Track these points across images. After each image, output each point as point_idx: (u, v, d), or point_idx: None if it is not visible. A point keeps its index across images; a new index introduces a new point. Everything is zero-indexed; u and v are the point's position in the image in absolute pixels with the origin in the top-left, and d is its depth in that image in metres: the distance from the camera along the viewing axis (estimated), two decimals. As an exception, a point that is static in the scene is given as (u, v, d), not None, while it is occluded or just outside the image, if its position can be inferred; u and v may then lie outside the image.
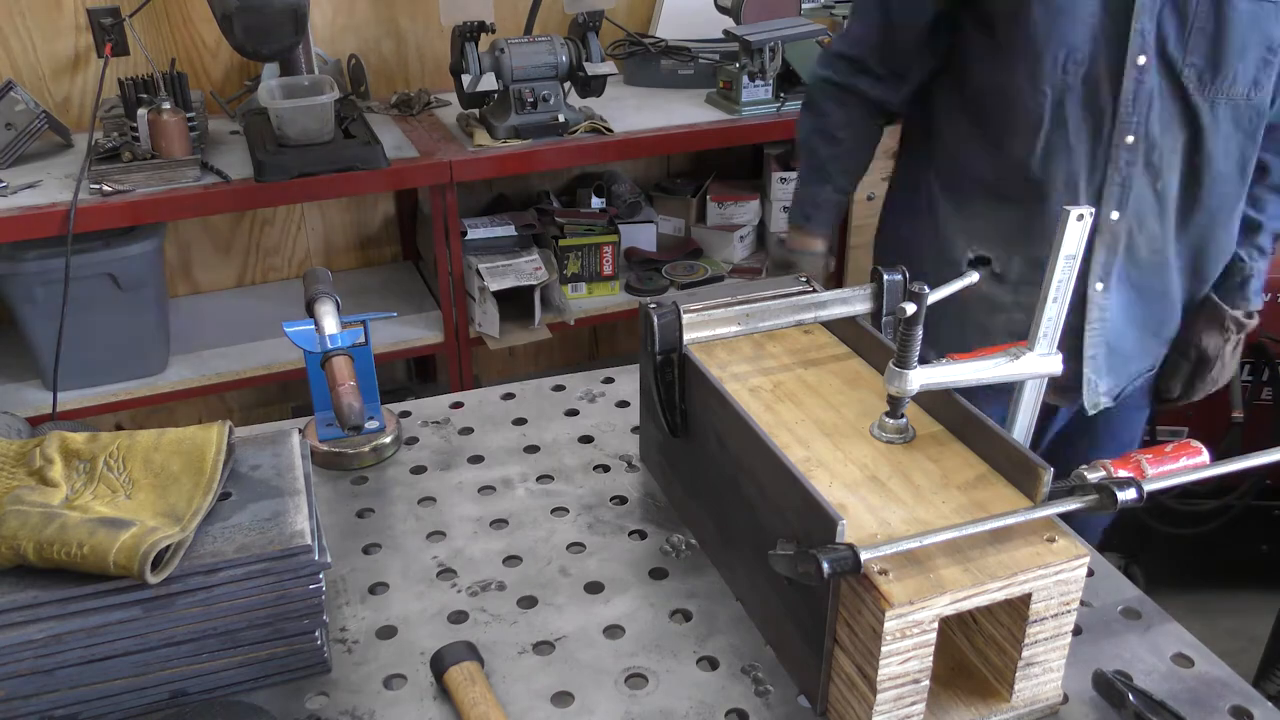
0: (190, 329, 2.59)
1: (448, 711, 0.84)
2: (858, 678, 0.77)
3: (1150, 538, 2.46)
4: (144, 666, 0.82)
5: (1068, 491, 0.82)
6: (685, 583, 0.98)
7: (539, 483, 1.12)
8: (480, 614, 0.94)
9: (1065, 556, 0.76)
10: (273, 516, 0.86)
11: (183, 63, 2.57)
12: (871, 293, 1.04)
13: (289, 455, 0.94)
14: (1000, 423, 0.90)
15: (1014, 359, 0.91)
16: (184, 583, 0.80)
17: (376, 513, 1.08)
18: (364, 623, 0.93)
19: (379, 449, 1.16)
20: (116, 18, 2.42)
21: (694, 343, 1.02)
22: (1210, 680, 0.86)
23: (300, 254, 2.86)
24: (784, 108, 2.57)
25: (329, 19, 2.65)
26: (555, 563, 1.00)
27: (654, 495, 1.10)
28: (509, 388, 1.30)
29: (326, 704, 0.85)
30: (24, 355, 2.34)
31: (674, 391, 1.01)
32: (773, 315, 1.04)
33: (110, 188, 2.14)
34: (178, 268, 2.75)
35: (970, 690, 0.83)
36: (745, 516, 0.91)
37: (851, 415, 0.94)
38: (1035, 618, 0.77)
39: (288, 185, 2.24)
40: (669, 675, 0.87)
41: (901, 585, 0.73)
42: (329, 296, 1.13)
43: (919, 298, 0.83)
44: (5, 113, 2.23)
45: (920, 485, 0.84)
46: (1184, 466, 0.90)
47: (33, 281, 2.20)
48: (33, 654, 0.78)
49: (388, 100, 2.67)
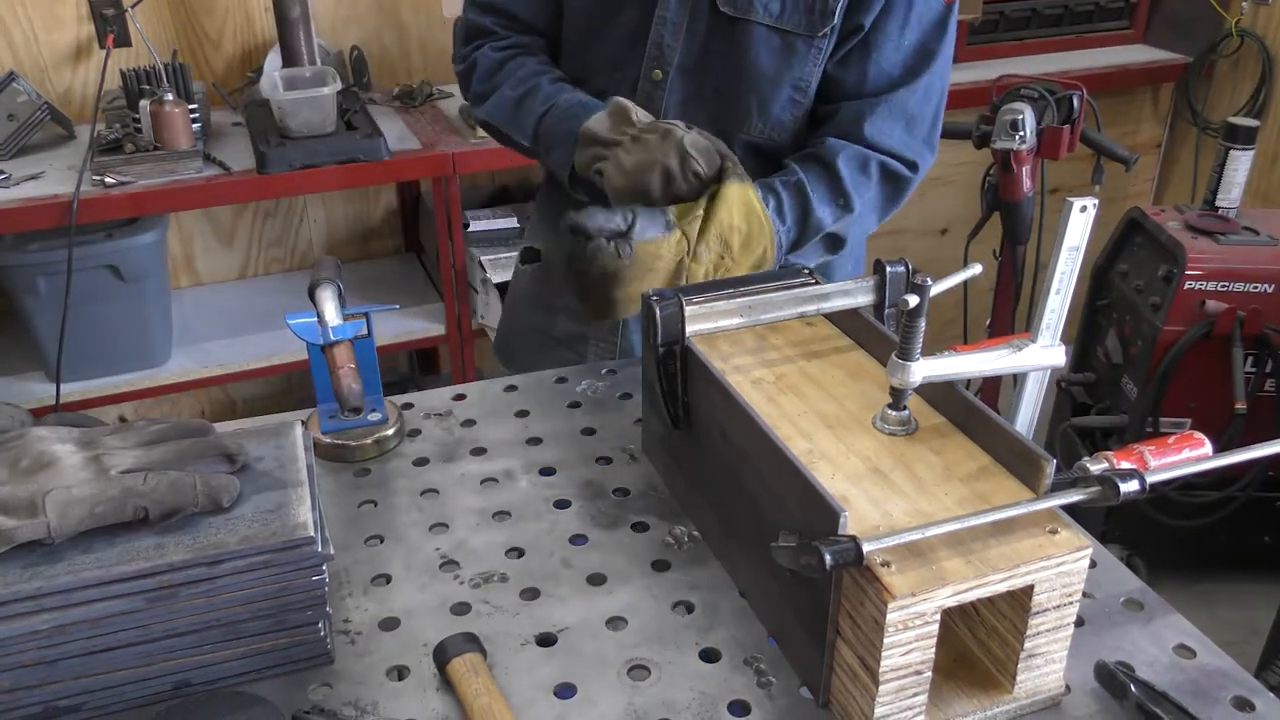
0: (193, 321, 2.60)
1: (450, 703, 0.84)
2: (860, 669, 0.77)
3: (1153, 529, 2.47)
4: (147, 657, 0.82)
5: (1070, 483, 0.82)
6: (687, 574, 0.98)
7: (541, 475, 1.12)
8: (483, 606, 0.94)
9: (1067, 548, 0.76)
10: (276, 508, 0.86)
11: (185, 54, 2.56)
12: (874, 285, 1.04)
13: (292, 447, 0.94)
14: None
15: (1016, 351, 0.91)
16: (187, 574, 0.80)
17: (379, 505, 1.08)
18: (367, 614, 0.94)
19: (381, 441, 1.16)
20: (118, 9, 2.42)
21: (696, 335, 1.02)
22: (1212, 671, 0.86)
23: (302, 246, 2.87)
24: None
25: (331, 10, 2.65)
26: (557, 554, 1.01)
27: (656, 487, 1.10)
28: (511, 380, 1.30)
29: (329, 695, 0.86)
30: (27, 347, 2.34)
31: (676, 384, 1.02)
32: (775, 307, 1.04)
33: (113, 179, 2.14)
34: (180, 259, 2.75)
35: (972, 681, 0.83)
36: (747, 508, 0.91)
37: (854, 407, 0.94)
38: (1037, 609, 0.77)
39: (290, 177, 2.24)
40: (671, 667, 0.88)
41: (904, 577, 0.73)
42: (331, 283, 1.13)
43: (922, 290, 0.83)
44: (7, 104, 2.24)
45: (922, 477, 0.84)
46: (1187, 458, 0.90)
47: (35, 273, 2.21)
48: (37, 645, 0.79)
49: (390, 92, 2.67)
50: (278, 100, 2.23)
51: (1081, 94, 2.21)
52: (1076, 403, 2.71)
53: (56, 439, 0.89)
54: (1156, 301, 2.38)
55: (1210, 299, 2.31)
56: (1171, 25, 3.22)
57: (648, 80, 1.30)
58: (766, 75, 1.28)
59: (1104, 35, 3.24)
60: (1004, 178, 2.28)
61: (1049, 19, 3.17)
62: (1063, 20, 3.19)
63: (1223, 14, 3.06)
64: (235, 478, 0.87)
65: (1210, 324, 2.30)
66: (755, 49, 1.26)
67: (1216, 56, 3.13)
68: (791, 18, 1.25)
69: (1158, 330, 2.35)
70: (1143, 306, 2.43)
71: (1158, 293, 2.39)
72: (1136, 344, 2.46)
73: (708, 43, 1.28)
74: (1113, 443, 2.54)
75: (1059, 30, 3.20)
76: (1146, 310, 2.41)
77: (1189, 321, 2.33)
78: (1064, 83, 2.26)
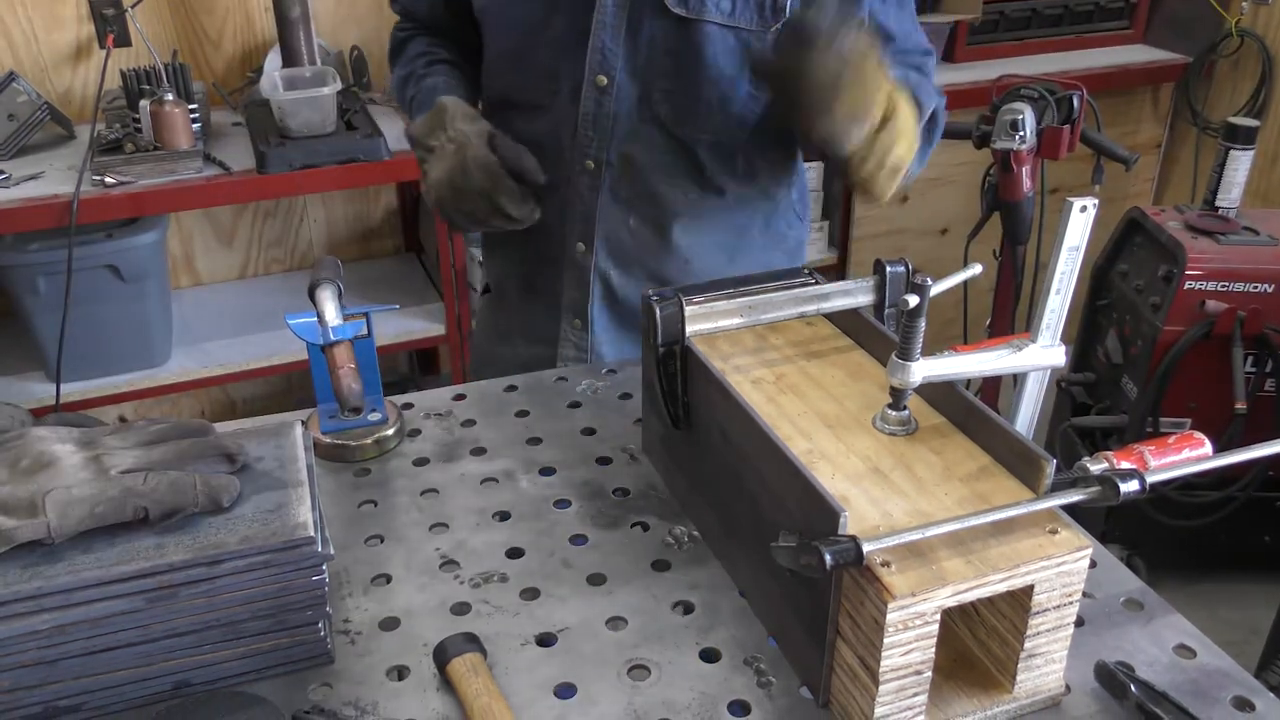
0: (193, 321, 2.60)
1: (451, 703, 0.84)
2: (860, 669, 0.77)
3: (1153, 529, 2.47)
4: (147, 658, 0.82)
5: (1070, 483, 0.82)
6: (688, 574, 0.98)
7: (541, 475, 1.12)
8: (483, 606, 0.94)
9: (1067, 548, 0.76)
10: (276, 508, 0.86)
11: (185, 54, 2.56)
12: (874, 285, 1.04)
13: (292, 447, 0.94)
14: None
15: (1016, 351, 0.91)
16: (187, 574, 0.80)
17: (379, 505, 1.08)
18: (367, 614, 0.94)
19: (381, 441, 1.16)
20: (118, 9, 2.42)
21: (696, 335, 1.02)
22: (1212, 671, 0.86)
23: (303, 246, 2.87)
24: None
25: (331, 10, 2.65)
26: (557, 555, 1.01)
27: (656, 487, 1.10)
28: (511, 380, 1.30)
29: (329, 695, 0.86)
30: (27, 347, 2.35)
31: (676, 383, 1.02)
32: (775, 307, 1.04)
33: (113, 179, 2.14)
34: (180, 259, 2.75)
35: (972, 681, 0.83)
36: (748, 508, 0.91)
37: (854, 407, 0.94)
38: (1037, 609, 0.77)
39: (290, 177, 2.24)
40: (671, 667, 0.88)
41: (904, 577, 0.73)
42: (330, 283, 1.13)
43: (922, 290, 0.83)
44: (7, 104, 2.24)
45: (922, 477, 0.84)
46: (1187, 458, 0.90)
47: (35, 273, 2.21)
48: (37, 645, 0.79)
49: (390, 91, 2.66)
50: (278, 100, 2.23)
51: (1081, 94, 2.21)
52: (1076, 403, 2.71)
53: (56, 439, 0.89)
54: (1156, 301, 2.38)
55: (1210, 299, 2.31)
56: (1171, 25, 3.22)
57: (592, 87, 1.28)
58: (725, 74, 1.26)
59: (1104, 35, 3.24)
60: (1004, 178, 2.28)
61: (1049, 19, 3.17)
62: (1063, 20, 3.19)
63: (1223, 14, 3.07)
64: (235, 478, 0.87)
65: (1210, 324, 2.30)
66: (710, 49, 1.25)
67: (1216, 56, 3.13)
68: (743, 15, 1.24)
69: (1158, 330, 2.35)
70: (1143, 306, 2.43)
71: (1158, 293, 2.39)
72: (1136, 344, 2.46)
73: (657, 44, 1.26)
74: (1113, 443, 2.54)
75: (1059, 30, 3.20)
76: (1146, 310, 2.41)
77: (1189, 321, 2.33)
78: (1064, 83, 2.25)
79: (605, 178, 1.32)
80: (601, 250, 1.36)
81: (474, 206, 1.21)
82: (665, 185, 1.33)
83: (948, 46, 3.03)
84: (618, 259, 1.37)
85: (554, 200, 1.33)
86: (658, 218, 1.35)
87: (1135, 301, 2.46)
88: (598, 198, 1.33)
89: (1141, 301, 2.44)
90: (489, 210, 1.20)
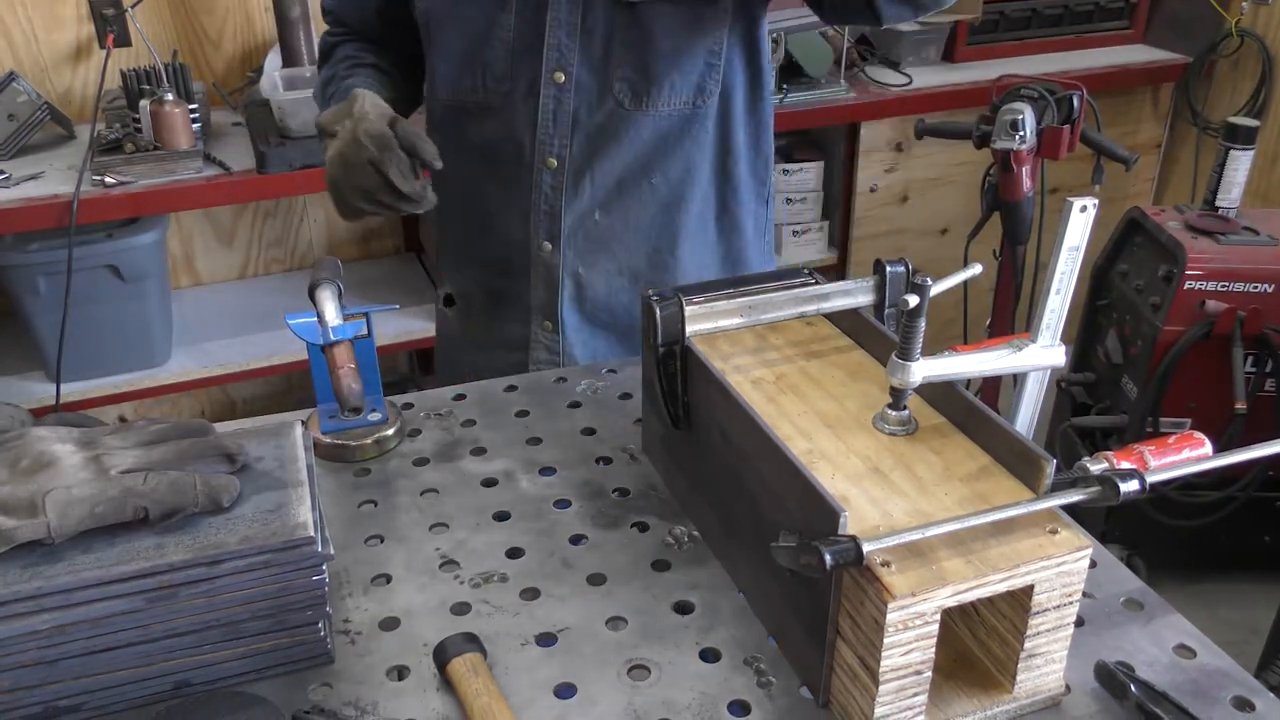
0: (193, 321, 2.60)
1: (451, 702, 0.84)
2: (860, 669, 0.77)
3: (1153, 529, 2.47)
4: (147, 657, 0.82)
5: (1070, 483, 0.82)
6: (687, 574, 0.98)
7: (541, 475, 1.12)
8: (483, 606, 0.94)
9: (1067, 548, 0.76)
10: (276, 508, 0.86)
11: (185, 54, 2.56)
12: (874, 285, 1.04)
13: (292, 447, 0.94)
14: (1003, 415, 0.90)
15: (1017, 351, 0.91)
16: (187, 574, 0.80)
17: (379, 505, 1.08)
18: (367, 614, 0.94)
19: (381, 441, 1.16)
20: (118, 9, 2.42)
21: (696, 334, 1.02)
22: (1212, 671, 0.86)
23: (303, 246, 2.87)
24: (785, 99, 2.57)
25: (331, 10, 2.65)
26: (557, 554, 1.01)
27: (656, 487, 1.10)
28: (511, 380, 1.30)
29: (329, 695, 0.86)
30: (27, 346, 2.35)
31: (676, 384, 1.02)
32: (775, 307, 1.04)
33: (113, 179, 2.15)
34: (180, 259, 2.75)
35: (972, 681, 0.83)
36: (747, 508, 0.91)
37: (854, 407, 0.94)
38: (1037, 609, 0.78)
39: (290, 177, 2.24)
40: (671, 666, 0.88)
41: (904, 577, 0.73)
42: (330, 283, 1.13)
43: (922, 290, 0.83)
44: (7, 104, 2.24)
45: (922, 477, 0.84)
46: (1187, 458, 0.90)
47: (35, 273, 2.21)
48: (37, 645, 0.79)
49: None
50: (278, 100, 2.23)
51: (1081, 94, 2.21)
52: (1076, 403, 2.71)
53: (56, 439, 0.89)
54: (1156, 301, 2.38)
55: (1210, 299, 2.31)
56: (1171, 25, 3.22)
57: (550, 84, 1.27)
58: (680, 51, 1.27)
59: (1104, 35, 3.24)
60: (1004, 178, 2.28)
61: (1049, 19, 3.17)
62: (1063, 20, 3.19)
63: (1223, 14, 3.06)
64: (235, 478, 0.87)
65: (1210, 324, 2.30)
66: (661, 29, 1.25)
67: (1216, 56, 3.13)
68: None
69: (1158, 330, 2.35)
70: (1143, 306, 2.43)
71: (1158, 293, 2.39)
72: (1136, 344, 2.46)
73: (611, 34, 1.26)
74: (1113, 443, 2.54)
75: (1059, 30, 3.20)
76: (1146, 310, 2.41)
77: (1189, 321, 2.32)
78: (1064, 83, 2.25)
79: (568, 173, 1.32)
80: (569, 247, 1.36)
81: (362, 179, 1.18)
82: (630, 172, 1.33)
83: (948, 46, 3.03)
84: (585, 254, 1.37)
85: (514, 202, 1.34)
86: (624, 206, 1.35)
87: (1135, 301, 2.46)
88: (562, 194, 1.33)
89: (1141, 301, 2.44)
90: (378, 183, 1.17)
